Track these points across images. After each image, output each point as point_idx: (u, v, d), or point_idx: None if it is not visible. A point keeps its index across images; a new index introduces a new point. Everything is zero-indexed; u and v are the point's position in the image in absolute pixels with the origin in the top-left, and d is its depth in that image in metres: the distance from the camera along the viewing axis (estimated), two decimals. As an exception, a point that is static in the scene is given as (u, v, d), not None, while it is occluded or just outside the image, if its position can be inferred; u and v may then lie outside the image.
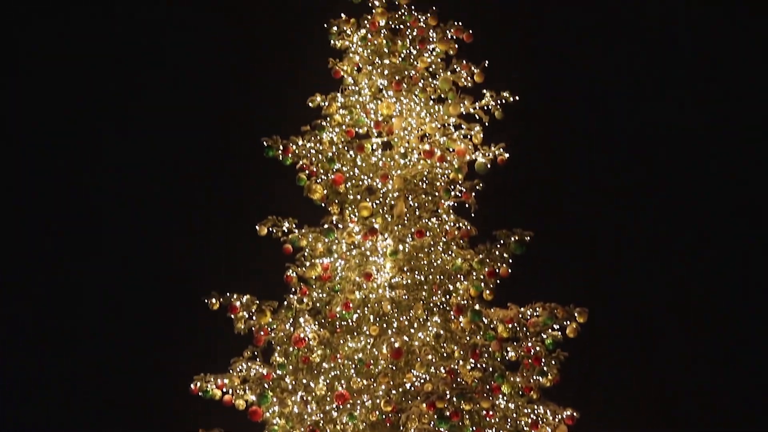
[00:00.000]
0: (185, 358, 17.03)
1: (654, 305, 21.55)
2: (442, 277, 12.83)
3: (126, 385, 20.51)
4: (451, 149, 13.28)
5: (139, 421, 20.02)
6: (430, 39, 13.64)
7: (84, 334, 21.18)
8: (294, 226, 13.11)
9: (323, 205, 13.31)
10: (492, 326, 12.43)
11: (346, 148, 13.31)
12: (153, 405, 19.68)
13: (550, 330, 12.46)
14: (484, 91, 13.46)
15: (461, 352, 12.33)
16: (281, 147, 13.00)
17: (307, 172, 13.13)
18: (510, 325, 12.53)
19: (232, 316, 12.54)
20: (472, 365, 12.27)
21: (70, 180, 22.20)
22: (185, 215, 21.57)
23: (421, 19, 13.73)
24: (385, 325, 12.50)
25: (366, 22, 13.68)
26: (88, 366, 20.96)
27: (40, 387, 21.19)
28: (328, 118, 13.39)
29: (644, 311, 21.49)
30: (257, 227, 13.06)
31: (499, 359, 12.36)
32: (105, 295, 21.56)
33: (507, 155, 13.11)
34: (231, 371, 12.63)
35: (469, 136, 13.37)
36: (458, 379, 11.87)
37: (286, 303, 12.55)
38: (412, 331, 12.46)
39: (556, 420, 12.56)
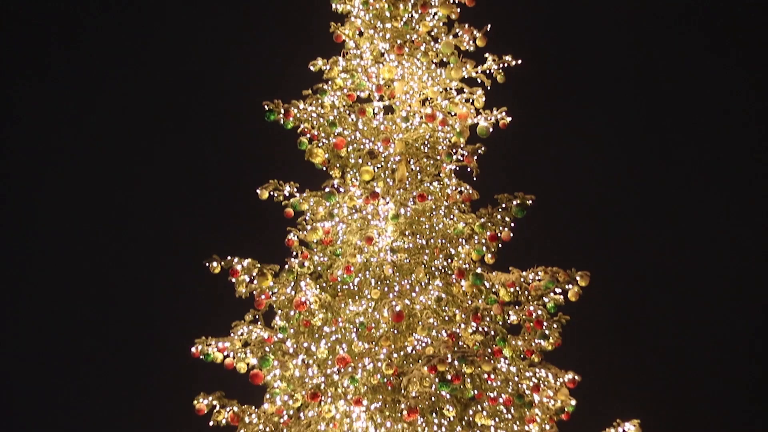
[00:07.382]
0: (186, 323, 17.06)
1: (655, 268, 21.53)
2: (443, 240, 12.85)
3: (128, 351, 20.57)
4: (453, 113, 13.20)
5: (141, 387, 20.07)
6: (432, 3, 13.53)
7: (83, 301, 21.25)
8: (295, 190, 13.12)
9: (324, 169, 13.30)
10: (494, 290, 12.38)
11: (347, 112, 13.27)
12: (155, 370, 19.73)
13: (552, 293, 12.44)
14: (486, 55, 13.40)
15: (463, 316, 12.25)
16: (282, 111, 12.86)
17: (308, 136, 13.08)
18: (512, 289, 12.47)
19: (234, 280, 12.54)
20: (474, 329, 12.13)
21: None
22: (186, 179, 21.57)
23: (424, -17, 13.62)
24: (386, 289, 12.54)
25: (368, -15, 13.58)
26: (87, 334, 21.03)
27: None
28: (330, 82, 13.36)
29: (646, 274, 21.47)
30: (258, 191, 13.08)
31: (500, 323, 12.27)
32: (106, 258, 21.59)
33: (509, 119, 13.05)
34: (232, 335, 12.64)
35: (471, 100, 13.31)
36: (460, 343, 11.75)
37: (287, 267, 12.45)
38: (414, 294, 12.46)
39: (558, 383, 12.58)
